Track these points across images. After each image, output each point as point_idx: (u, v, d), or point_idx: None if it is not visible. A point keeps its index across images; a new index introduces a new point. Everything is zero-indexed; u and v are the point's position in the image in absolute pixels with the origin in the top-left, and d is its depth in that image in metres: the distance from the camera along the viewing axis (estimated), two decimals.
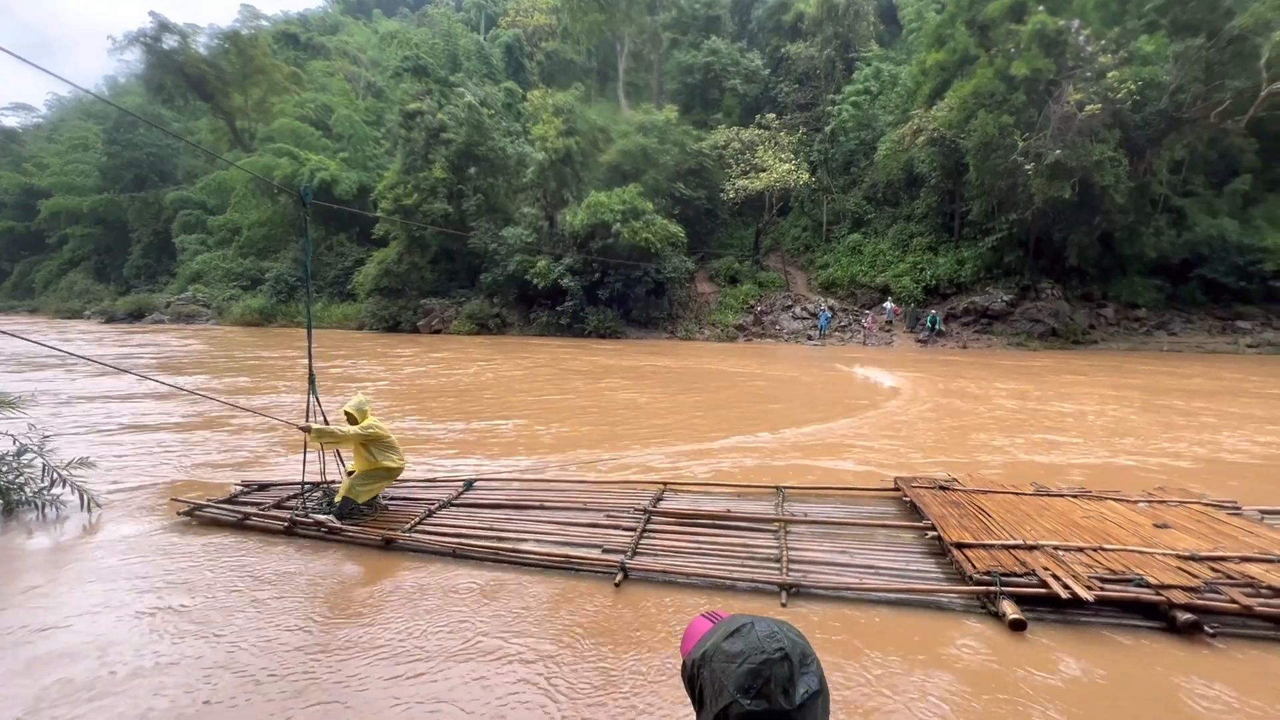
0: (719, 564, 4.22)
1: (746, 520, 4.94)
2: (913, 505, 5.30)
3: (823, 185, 29.97)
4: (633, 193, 25.47)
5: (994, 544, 4.24)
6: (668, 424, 9.60)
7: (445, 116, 28.44)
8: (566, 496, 5.56)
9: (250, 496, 5.63)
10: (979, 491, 5.51)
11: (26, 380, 12.77)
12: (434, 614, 3.73)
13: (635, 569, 4.13)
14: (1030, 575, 3.81)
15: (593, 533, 4.77)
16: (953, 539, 4.32)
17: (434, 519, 5.05)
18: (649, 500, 5.34)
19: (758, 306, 27.27)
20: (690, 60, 34.67)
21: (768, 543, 4.56)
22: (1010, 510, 4.97)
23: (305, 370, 5.14)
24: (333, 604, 3.88)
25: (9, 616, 3.70)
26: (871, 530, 4.85)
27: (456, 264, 30.00)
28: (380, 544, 4.63)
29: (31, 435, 5.71)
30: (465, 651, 3.35)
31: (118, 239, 47.49)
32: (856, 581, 3.96)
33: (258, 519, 5.04)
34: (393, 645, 3.40)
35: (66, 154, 54.47)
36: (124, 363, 16.66)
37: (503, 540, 4.62)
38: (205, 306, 35.78)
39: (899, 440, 8.65)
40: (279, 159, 34.99)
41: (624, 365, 17.16)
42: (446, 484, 5.97)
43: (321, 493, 5.46)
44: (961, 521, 4.69)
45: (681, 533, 4.78)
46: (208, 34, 42.47)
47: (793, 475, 6.74)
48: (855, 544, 4.59)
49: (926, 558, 4.38)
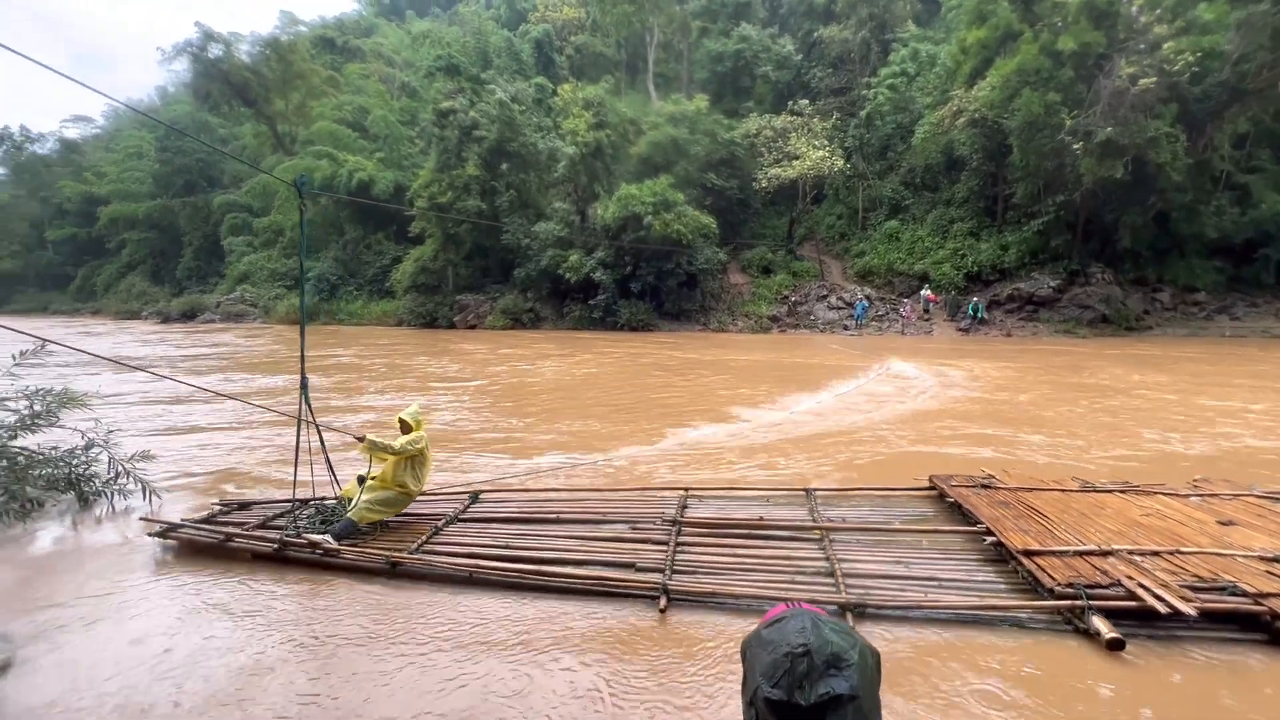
0: (767, 581, 3.85)
1: (783, 528, 4.61)
2: (955, 506, 4.99)
3: (858, 171, 29.29)
4: (664, 184, 25.36)
5: (1064, 550, 3.90)
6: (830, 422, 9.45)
7: (477, 114, 28.75)
8: (583, 507, 5.16)
9: (231, 516, 5.05)
10: (1024, 489, 5.18)
11: (87, 379, 13.47)
12: (464, 668, 3.12)
13: (677, 591, 3.72)
14: (1116, 586, 3.49)
15: (620, 548, 4.35)
16: (1017, 545, 3.97)
17: (441, 536, 4.61)
18: (675, 509, 4.97)
19: (792, 297, 26.89)
20: (720, 48, 34.22)
21: (812, 553, 4.22)
22: (1064, 509, 4.65)
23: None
24: (341, 657, 3.23)
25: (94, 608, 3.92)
26: (919, 535, 4.51)
27: (490, 260, 30.39)
28: (386, 568, 4.16)
29: (98, 430, 6.03)
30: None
31: (171, 242, 49.57)
32: (922, 597, 3.61)
33: (242, 540, 4.47)
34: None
35: (123, 162, 57.07)
36: (202, 363, 17.48)
37: (523, 560, 4.16)
38: (252, 306, 37.09)
39: (915, 431, 8.43)
40: (318, 161, 35.96)
41: (706, 360, 16.83)
42: (449, 496, 5.57)
43: (313, 509, 4.92)
44: (1018, 524, 4.35)
45: (716, 545, 4.39)
46: (250, 42, 43.81)
47: (832, 473, 6.62)
48: (907, 552, 4.23)
49: (986, 566, 4.04)
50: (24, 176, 62.51)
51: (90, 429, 6.01)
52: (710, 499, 5.36)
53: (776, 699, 0.98)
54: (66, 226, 57.01)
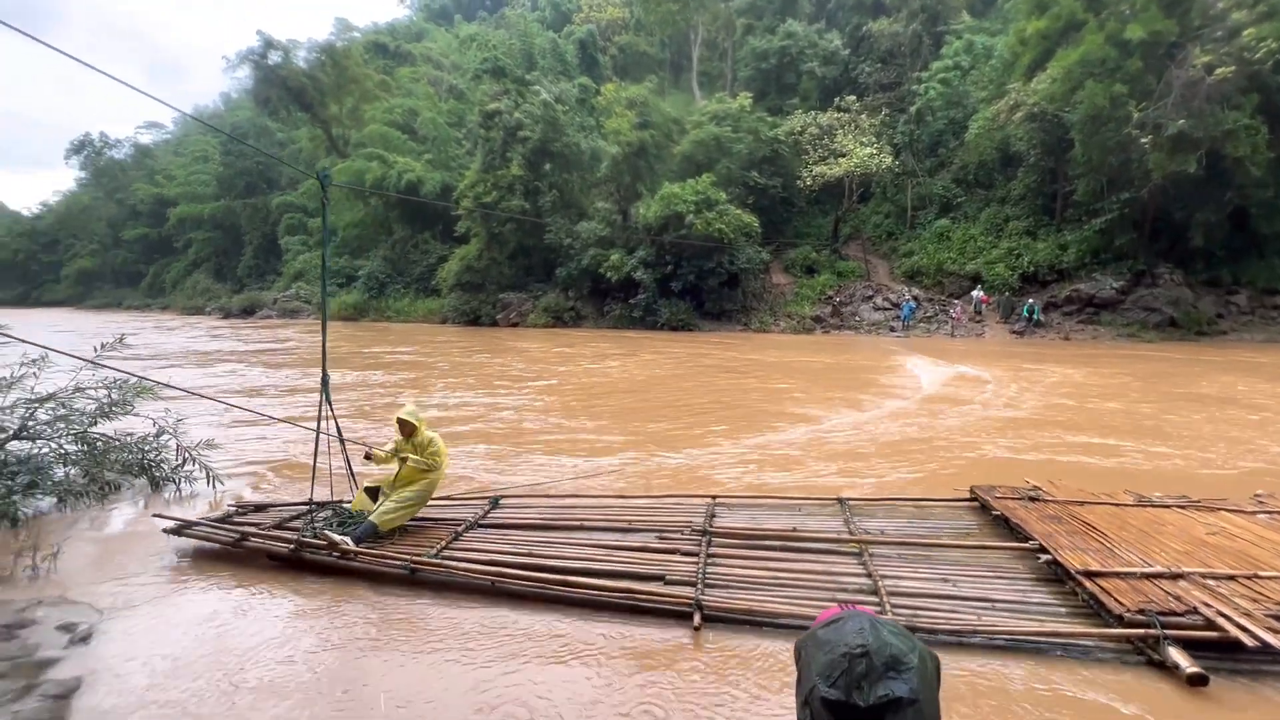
0: (805, 598, 3.63)
1: (818, 540, 4.38)
2: (1001, 519, 4.68)
3: (907, 169, 28.49)
4: (706, 183, 25.21)
5: (1130, 572, 3.60)
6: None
7: (522, 115, 29.16)
8: (607, 514, 4.97)
9: (247, 517, 4.92)
10: (1074, 502, 4.84)
11: (151, 369, 14.25)
12: (481, 686, 2.93)
13: (712, 607, 3.50)
14: (1192, 614, 3.18)
15: (648, 559, 4.16)
16: (1076, 565, 3.68)
17: (461, 541, 4.44)
18: (703, 517, 4.74)
19: (836, 297, 26.36)
20: (765, 45, 33.80)
21: (852, 568, 3.99)
22: (1121, 526, 4.34)
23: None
24: (362, 667, 3.10)
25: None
26: (963, 551, 4.23)
27: (533, 259, 30.81)
28: (405, 572, 3.99)
29: (168, 419, 6.37)
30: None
31: (233, 242, 52.02)
32: (975, 620, 3.34)
33: (259, 540, 4.34)
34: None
35: (190, 166, 60.23)
36: (271, 357, 18.30)
37: (546, 570, 3.97)
38: (307, 303, 38.58)
39: (1001, 438, 8.12)
40: (370, 163, 37.12)
41: (769, 361, 16.56)
42: (469, 500, 5.42)
43: (330, 512, 4.80)
44: (1074, 541, 4.06)
45: (748, 557, 4.16)
46: (307, 48, 45.47)
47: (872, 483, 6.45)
48: (952, 569, 3.96)
49: (1040, 586, 3.76)
50: (103, 180, 66.76)
51: (161, 417, 6.36)
52: (739, 507, 5.15)
53: (834, 699, 0.99)
54: (139, 226, 60.53)
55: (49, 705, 2.78)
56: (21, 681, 2.93)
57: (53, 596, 3.88)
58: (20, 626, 3.43)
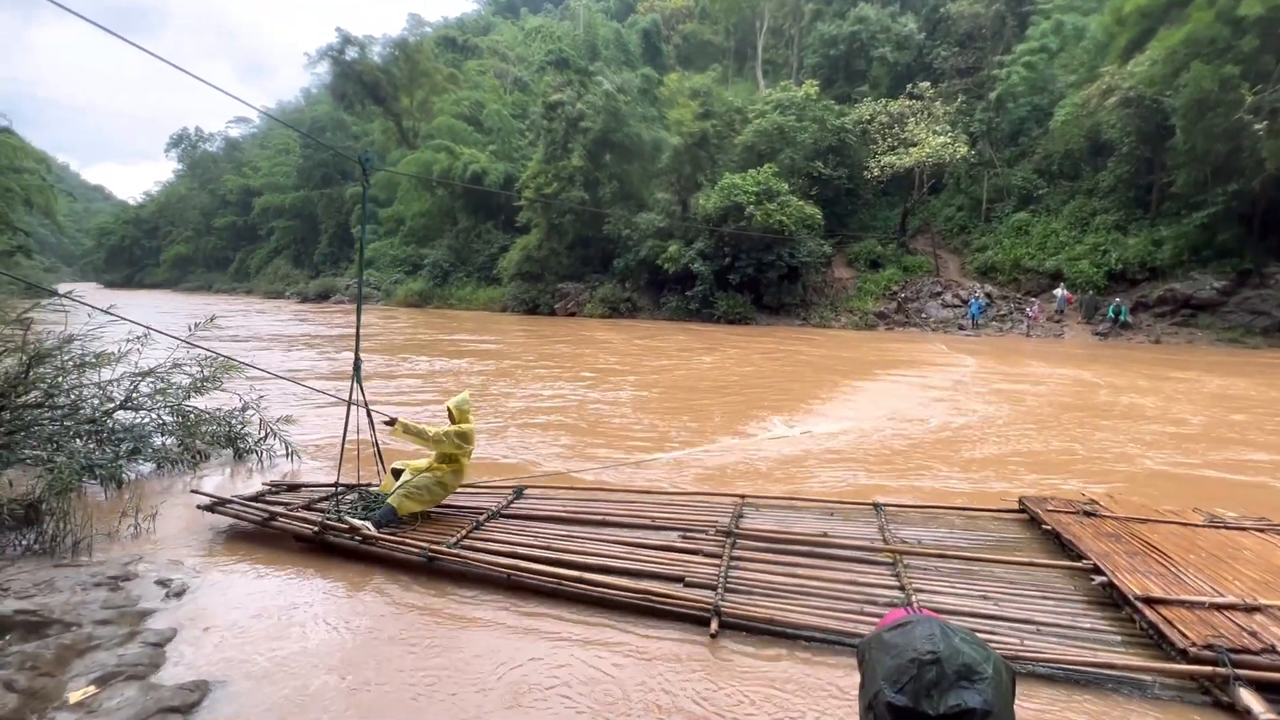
0: (831, 609, 3.42)
1: (850, 547, 4.16)
2: (1051, 534, 4.36)
3: (984, 159, 27.03)
4: (767, 173, 24.72)
5: (1197, 601, 3.25)
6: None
7: (584, 105, 29.37)
8: (631, 510, 4.82)
9: (279, 497, 5.00)
10: (1137, 520, 4.45)
11: (241, 350, 15.22)
12: (488, 690, 2.83)
13: (730, 613, 3.35)
14: (1270, 653, 2.83)
15: (669, 558, 4.04)
16: (1135, 589, 3.36)
17: (482, 531, 4.40)
18: (729, 518, 4.55)
19: (901, 293, 25.39)
20: (834, 31, 32.72)
21: (884, 579, 3.75)
22: (1189, 548, 3.94)
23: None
24: (368, 655, 3.08)
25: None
26: (1008, 567, 3.91)
27: (591, 249, 31.10)
28: (423, 560, 3.96)
29: (250, 395, 6.80)
30: None
31: (310, 230, 54.95)
32: (1017, 643, 3.06)
33: (285, 521, 4.43)
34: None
35: (273, 158, 63.93)
36: (347, 341, 19.27)
37: (564, 565, 3.89)
38: (376, 289, 40.33)
39: (1000, 442, 7.63)
40: (437, 154, 38.32)
41: (870, 359, 15.93)
42: (493, 489, 5.34)
43: (357, 495, 4.86)
44: (1133, 563, 3.71)
45: (774, 562, 3.98)
46: (381, 44, 47.33)
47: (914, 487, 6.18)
48: (995, 586, 3.68)
49: (1093, 611, 3.42)
50: (197, 171, 71.84)
51: (245, 393, 6.79)
52: (768, 509, 4.95)
53: (901, 705, 0.96)
54: (228, 215, 64.81)
55: (148, 651, 3.02)
56: (126, 628, 3.19)
57: (151, 553, 4.22)
58: (125, 579, 3.74)
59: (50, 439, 4.94)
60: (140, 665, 2.90)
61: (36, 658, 2.74)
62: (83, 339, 5.62)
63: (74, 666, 2.83)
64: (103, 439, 5.44)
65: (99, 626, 3.14)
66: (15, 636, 2.87)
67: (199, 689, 2.77)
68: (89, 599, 3.40)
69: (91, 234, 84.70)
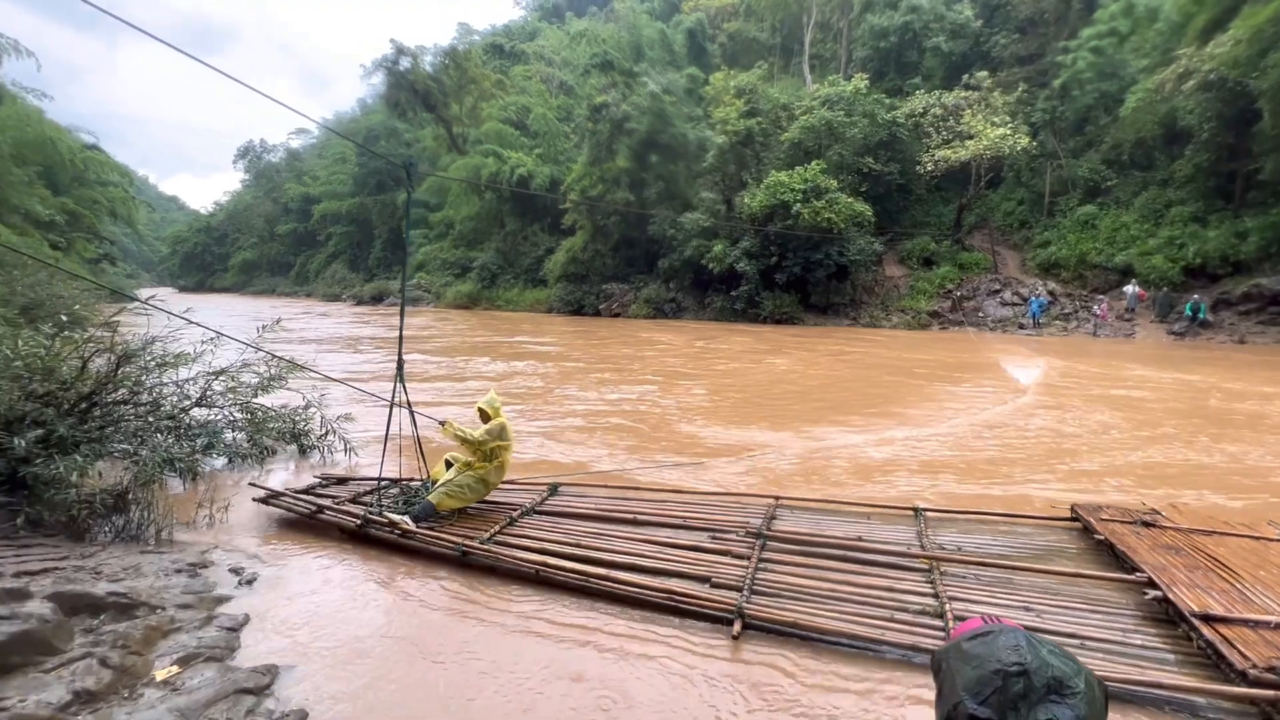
0: (860, 615, 3.34)
1: (885, 552, 4.03)
2: (1104, 544, 4.12)
3: (1046, 150, 25.78)
4: (815, 170, 24.23)
5: (1263, 620, 3.01)
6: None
7: (629, 107, 29.45)
8: (663, 509, 4.84)
9: (328, 490, 5.26)
10: (1200, 531, 4.17)
11: (301, 350, 15.91)
12: (506, 683, 2.89)
13: (755, 615, 3.32)
14: None
15: (697, 558, 4.03)
16: (1192, 605, 3.15)
17: (515, 528, 4.50)
18: (761, 519, 4.50)
19: (957, 291, 24.47)
20: (885, 23, 31.80)
21: (917, 586, 3.63)
22: (1259, 563, 3.66)
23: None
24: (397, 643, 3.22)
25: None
26: (1053, 577, 3.71)
27: (636, 250, 31.16)
28: (457, 554, 4.08)
29: (313, 394, 7.10)
30: None
31: (365, 235, 57.01)
32: None
33: (331, 514, 4.64)
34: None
35: (331, 166, 66.59)
36: (416, 345, 19.99)
37: (592, 563, 3.93)
38: (427, 291, 41.50)
39: (1053, 448, 7.18)
40: (485, 159, 39.16)
41: (948, 360, 15.23)
42: (528, 486, 5.46)
43: (399, 490, 5.06)
44: (1193, 577, 3.49)
45: (804, 565, 3.92)
46: (432, 53, 48.60)
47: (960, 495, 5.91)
48: (1038, 597, 3.51)
49: (1145, 626, 3.22)
50: (261, 181, 75.61)
51: (308, 391, 7.09)
52: (803, 511, 4.87)
53: (984, 717, 0.92)
54: (289, 222, 67.90)
55: (224, 635, 3.18)
56: (203, 613, 3.37)
57: (225, 542, 4.45)
58: (202, 566, 3.95)
59: (135, 434, 5.27)
60: (217, 648, 3.05)
61: (127, 637, 2.92)
62: (163, 340, 5.98)
63: (159, 646, 3.01)
64: (180, 434, 5.76)
65: (180, 610, 3.33)
66: (108, 616, 3.07)
67: (269, 672, 2.90)
68: (171, 584, 3.61)
69: (167, 242, 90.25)
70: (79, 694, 2.52)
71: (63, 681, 2.57)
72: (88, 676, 2.62)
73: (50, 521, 4.23)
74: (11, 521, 4.05)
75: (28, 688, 2.50)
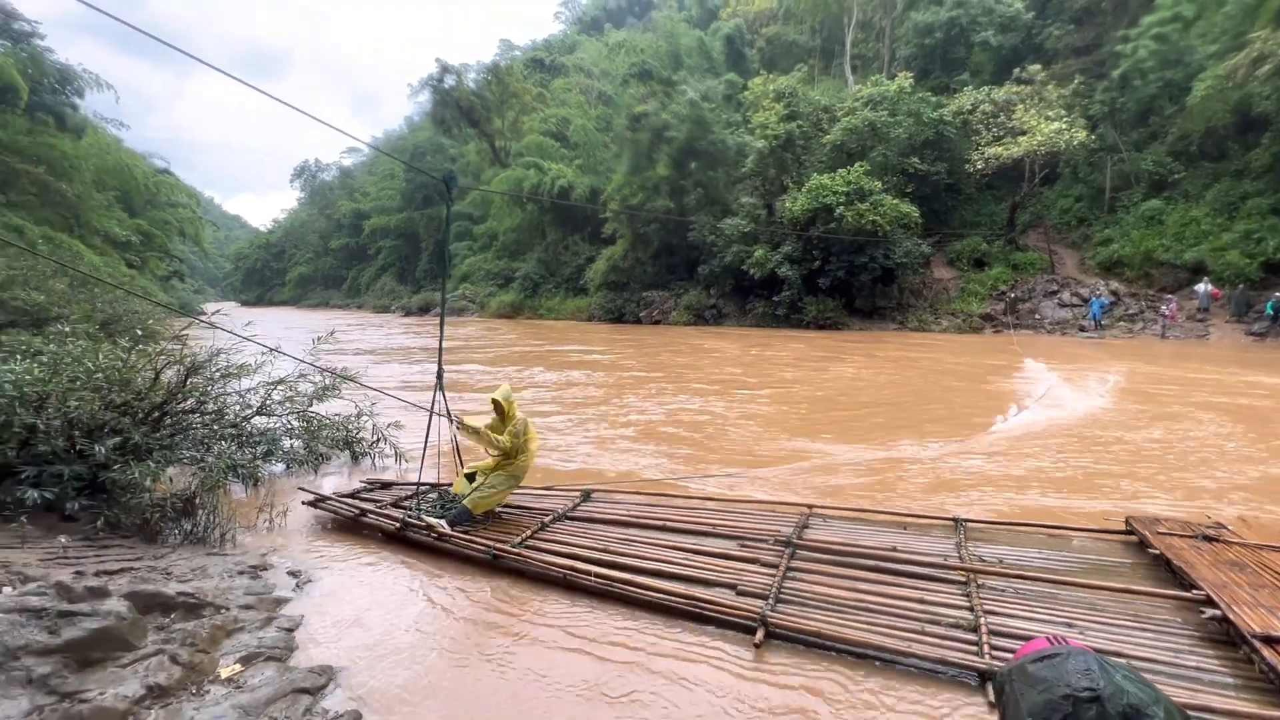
0: (888, 626, 3.24)
1: (920, 563, 3.91)
2: (1160, 560, 3.87)
3: (1106, 143, 24.59)
4: (858, 172, 23.76)
5: None
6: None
7: (668, 115, 29.58)
8: (694, 516, 4.82)
9: (372, 494, 5.47)
10: (1270, 548, 3.89)
11: (353, 360, 16.47)
12: (501, 673, 3.03)
13: (778, 624, 3.24)
14: None
15: (724, 566, 3.99)
16: (1254, 626, 2.91)
17: (546, 533, 4.55)
18: (792, 528, 4.42)
19: (1011, 293, 23.54)
20: (930, 19, 31.06)
21: (953, 600, 3.49)
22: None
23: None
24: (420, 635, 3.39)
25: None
26: (1100, 593, 3.49)
27: (676, 257, 31.17)
28: (489, 558, 4.19)
29: (365, 403, 7.33)
30: None
31: (412, 248, 58.89)
32: None
33: (374, 517, 4.81)
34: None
35: (380, 183, 69.14)
36: (464, 355, 20.53)
37: (618, 568, 3.97)
38: (471, 302, 42.49)
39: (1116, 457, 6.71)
40: (527, 171, 39.94)
41: (999, 364, 14.59)
42: (563, 492, 5.50)
43: (438, 494, 5.18)
44: (1258, 596, 3.24)
45: (834, 575, 3.82)
46: (475, 70, 50.06)
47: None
48: (1083, 613, 3.31)
49: (1201, 647, 3.00)
50: (316, 198, 79.13)
51: (361, 400, 7.33)
52: (837, 521, 4.76)
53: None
54: (342, 237, 70.73)
55: (283, 636, 3.30)
56: (264, 613, 3.51)
57: (283, 546, 4.62)
58: (262, 569, 4.11)
59: (201, 441, 5.54)
60: (277, 648, 3.16)
61: (195, 635, 3.06)
62: (226, 352, 6.28)
63: (223, 645, 3.14)
64: (242, 441, 6.03)
65: (242, 610, 3.47)
66: (178, 615, 3.23)
67: (325, 673, 2.98)
68: (234, 585, 3.76)
69: (230, 258, 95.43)
70: (151, 689, 2.65)
71: (137, 676, 2.71)
72: (159, 672, 2.76)
73: (126, 524, 4.49)
74: (93, 523, 4.32)
75: (106, 681, 2.64)
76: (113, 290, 11.19)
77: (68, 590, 2.97)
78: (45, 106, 25.30)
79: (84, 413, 4.58)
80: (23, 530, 3.98)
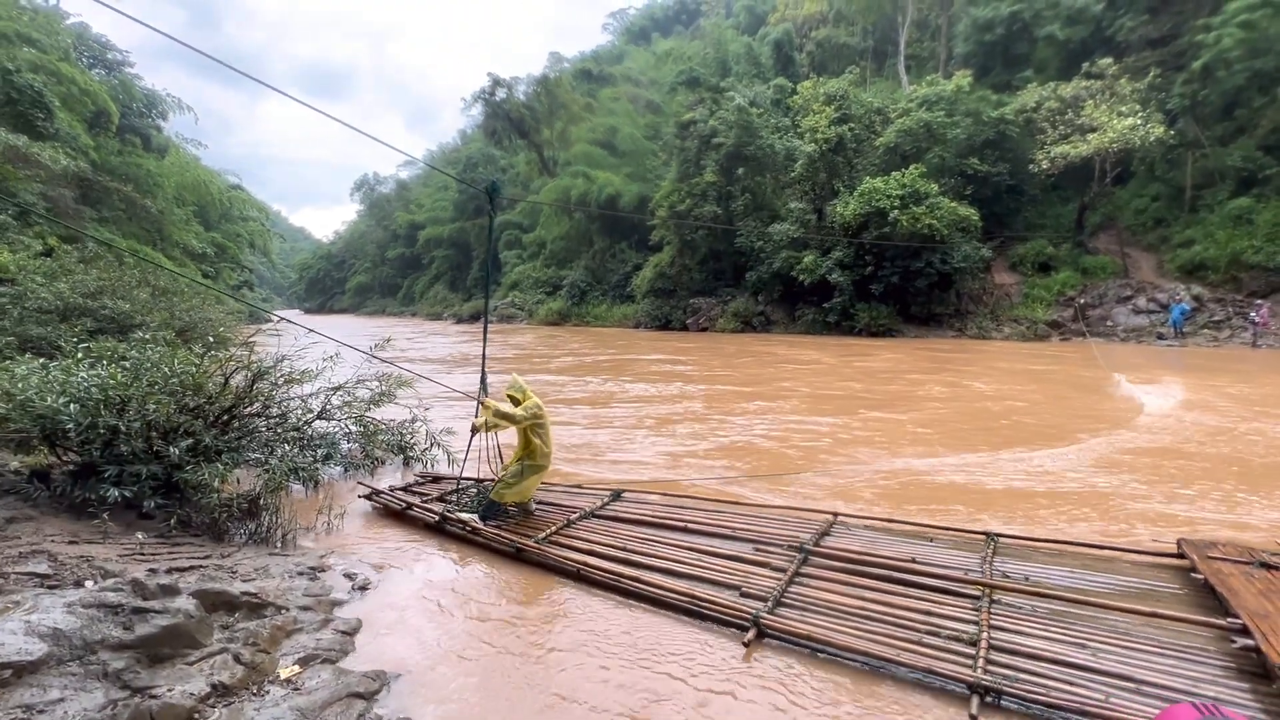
0: (885, 635, 3.21)
1: (936, 575, 3.78)
2: (1207, 586, 3.59)
3: (1186, 139, 23.05)
4: (913, 175, 23.04)
5: None
6: None
7: (716, 122, 29.43)
8: (716, 519, 4.88)
9: (422, 487, 5.89)
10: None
11: (422, 368, 16.92)
12: (518, 663, 3.21)
13: (772, 626, 3.29)
14: None
15: (734, 568, 4.03)
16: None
17: (570, 530, 4.75)
18: (811, 534, 4.42)
19: (1080, 298, 22.29)
20: (991, 14, 29.91)
21: (961, 613, 3.40)
22: None
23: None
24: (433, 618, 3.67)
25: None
26: (1124, 615, 3.33)
27: (723, 264, 30.91)
28: (512, 551, 4.49)
29: (419, 409, 7.49)
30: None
31: (464, 257, 60.51)
32: (1101, 700, 2.62)
33: (418, 510, 5.19)
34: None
35: (434, 194, 71.41)
36: (505, 364, 20.93)
37: (631, 565, 4.12)
38: (520, 309, 43.26)
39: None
40: (575, 180, 40.48)
41: (1111, 373, 13.23)
42: (594, 491, 5.71)
43: (478, 490, 5.53)
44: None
45: (845, 583, 3.80)
46: (525, 82, 51.16)
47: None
48: (1098, 634, 3.16)
49: (1228, 678, 2.81)
50: (374, 210, 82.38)
51: (414, 406, 7.49)
52: (862, 529, 4.72)
53: None
54: (398, 247, 73.33)
55: (339, 639, 3.35)
56: (321, 615, 3.57)
57: (340, 548, 4.73)
58: (320, 570, 4.21)
59: (266, 444, 5.76)
60: (334, 651, 3.21)
61: (257, 635, 3.14)
62: (290, 358, 6.52)
63: (283, 646, 3.20)
64: (304, 445, 6.23)
65: (302, 612, 3.54)
66: (241, 615, 3.32)
67: (379, 678, 3.00)
68: (294, 586, 3.86)
69: (295, 268, 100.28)
70: (216, 687, 2.72)
71: (203, 674, 2.78)
72: (224, 671, 2.83)
73: (197, 522, 4.69)
74: (167, 521, 4.53)
75: (175, 678, 2.73)
76: (190, 299, 11.86)
77: (142, 587, 3.09)
78: (134, 129, 27.28)
79: (161, 415, 4.82)
80: (104, 526, 4.20)
